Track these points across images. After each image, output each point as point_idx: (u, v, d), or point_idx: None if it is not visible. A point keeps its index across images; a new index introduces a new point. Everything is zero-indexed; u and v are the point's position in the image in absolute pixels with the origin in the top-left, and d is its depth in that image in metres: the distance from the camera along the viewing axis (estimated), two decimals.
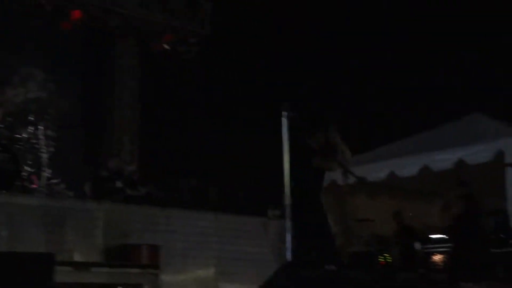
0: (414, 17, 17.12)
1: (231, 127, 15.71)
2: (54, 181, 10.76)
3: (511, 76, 16.31)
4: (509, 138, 10.38)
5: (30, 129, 10.62)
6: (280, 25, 16.48)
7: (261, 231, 11.56)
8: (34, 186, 10.38)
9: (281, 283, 5.21)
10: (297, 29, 16.62)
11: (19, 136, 10.42)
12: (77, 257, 9.07)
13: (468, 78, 16.60)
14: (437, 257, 11.00)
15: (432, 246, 11.47)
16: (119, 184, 10.97)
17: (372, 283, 5.56)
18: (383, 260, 11.80)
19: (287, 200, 7.41)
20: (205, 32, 16.02)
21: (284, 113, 7.08)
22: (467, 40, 16.51)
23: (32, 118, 10.72)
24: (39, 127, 10.74)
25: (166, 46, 15.59)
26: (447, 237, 11.04)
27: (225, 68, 15.84)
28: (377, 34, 17.14)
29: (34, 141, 10.64)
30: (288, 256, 7.25)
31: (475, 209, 10.26)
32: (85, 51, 14.88)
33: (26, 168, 10.33)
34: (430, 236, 11.64)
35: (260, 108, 13.69)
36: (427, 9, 17.32)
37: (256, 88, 16.14)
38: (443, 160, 11.12)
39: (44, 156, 10.71)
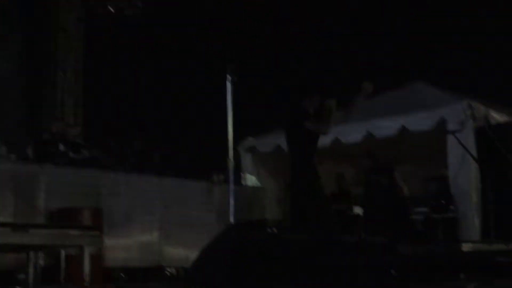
0: None
1: (177, 90, 15.63)
2: None
3: (453, 45, 16.54)
4: (451, 106, 10.53)
5: None
6: None
7: (206, 195, 11.60)
8: None
9: (222, 246, 5.23)
10: None
11: None
12: (19, 220, 8.99)
13: (410, 46, 16.77)
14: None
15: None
16: (62, 147, 10.83)
17: (311, 244, 5.63)
18: None
19: (231, 164, 7.46)
20: None
21: (228, 77, 7.07)
22: (408, 8, 16.67)
23: None
24: None
25: (110, 8, 15.35)
26: None
27: (171, 30, 15.71)
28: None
29: None
30: (231, 219, 7.31)
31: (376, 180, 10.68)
32: (27, 12, 14.57)
33: None
34: None
35: (207, 71, 13.65)
36: None
37: (203, 50, 16.06)
38: (386, 127, 11.22)
39: None
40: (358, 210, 11.68)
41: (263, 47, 17.03)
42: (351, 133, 11.67)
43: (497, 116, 10.80)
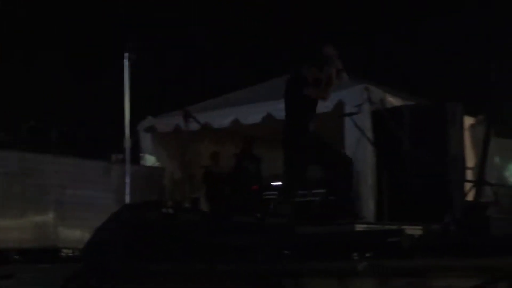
0: None
1: (75, 68, 15.32)
2: None
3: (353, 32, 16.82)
4: (349, 89, 10.69)
5: None
6: None
7: (103, 175, 11.42)
8: None
9: (115, 226, 5.16)
10: None
11: None
12: None
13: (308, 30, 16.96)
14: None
15: (273, 192, 11.68)
16: None
17: (207, 225, 5.63)
18: None
19: (127, 143, 7.37)
20: None
21: (126, 55, 6.96)
22: None
23: None
24: None
25: None
26: None
27: (68, 8, 15.37)
28: None
29: None
30: (127, 199, 7.23)
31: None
32: None
33: None
34: (272, 183, 11.85)
35: (106, 49, 13.42)
36: None
37: (103, 27, 15.78)
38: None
39: None
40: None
41: (164, 24, 16.88)
42: (250, 113, 11.73)
43: (392, 100, 11.05)
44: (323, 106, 10.91)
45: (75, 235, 10.63)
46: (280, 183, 11.57)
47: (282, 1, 17.62)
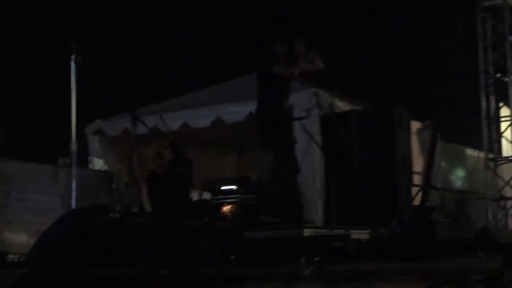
0: None
1: (22, 69, 15.10)
2: None
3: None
4: (298, 94, 10.72)
5: None
6: None
7: (50, 179, 11.26)
8: None
9: (59, 231, 5.10)
10: None
11: None
12: None
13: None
14: (226, 208, 11.22)
15: (223, 197, 11.67)
16: None
17: (154, 228, 5.59)
18: None
19: (74, 146, 7.28)
20: None
21: (72, 56, 6.88)
22: None
23: None
24: None
25: None
26: (236, 188, 11.35)
27: (15, 9, 15.16)
28: None
29: None
30: (73, 204, 7.15)
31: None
32: None
33: None
34: (221, 187, 11.82)
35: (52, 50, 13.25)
36: None
37: (48, 27, 15.58)
38: (235, 112, 11.32)
39: None
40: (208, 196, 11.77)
41: (111, 25, 16.74)
42: (200, 117, 11.71)
43: (340, 104, 11.13)
44: None
45: (21, 240, 10.46)
46: (229, 187, 11.63)
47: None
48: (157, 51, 17.76)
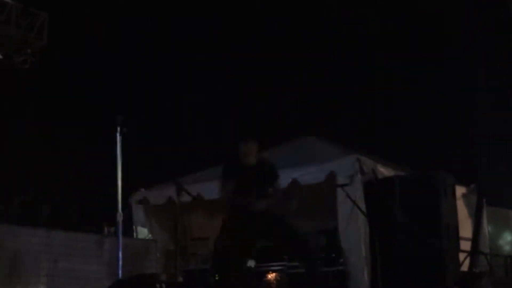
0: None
1: (67, 141, 15.38)
2: None
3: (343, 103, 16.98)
4: (341, 160, 10.76)
5: None
6: (118, 38, 16.42)
7: (96, 248, 11.33)
8: None
9: None
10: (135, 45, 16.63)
11: None
12: None
13: (301, 102, 17.12)
14: (271, 276, 11.13)
15: (267, 264, 11.59)
16: None
17: None
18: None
19: (120, 217, 7.34)
20: (42, 42, 15.57)
21: (118, 128, 7.00)
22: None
23: None
24: None
25: None
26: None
27: (61, 80, 15.52)
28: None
29: None
30: (120, 273, 7.17)
31: None
32: None
33: None
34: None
35: (97, 122, 13.51)
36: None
37: (93, 101, 15.92)
38: None
39: None
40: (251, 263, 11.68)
41: (154, 98, 17.04)
42: None
43: (383, 170, 11.10)
44: (315, 178, 11.01)
45: None
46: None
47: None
48: (196, 120, 17.96)
